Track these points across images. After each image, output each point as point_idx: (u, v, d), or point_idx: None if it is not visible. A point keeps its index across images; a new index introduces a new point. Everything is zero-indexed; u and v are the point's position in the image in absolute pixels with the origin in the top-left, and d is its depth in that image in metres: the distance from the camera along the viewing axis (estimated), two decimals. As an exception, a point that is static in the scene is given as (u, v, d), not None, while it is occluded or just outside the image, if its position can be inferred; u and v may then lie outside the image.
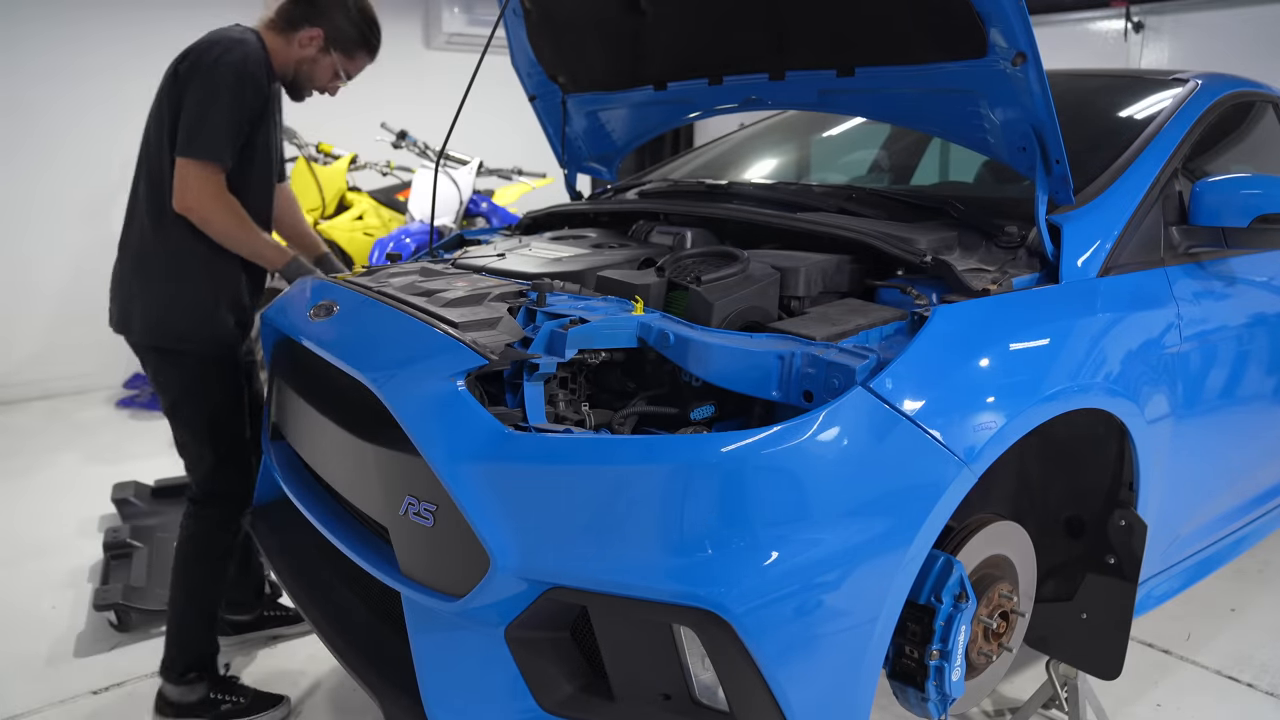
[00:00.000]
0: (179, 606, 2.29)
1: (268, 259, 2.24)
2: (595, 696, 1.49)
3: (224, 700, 2.28)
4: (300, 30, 2.24)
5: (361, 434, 1.67)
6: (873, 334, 1.63)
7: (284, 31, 2.24)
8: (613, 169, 3.02)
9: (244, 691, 2.33)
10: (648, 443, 1.41)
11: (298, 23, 2.23)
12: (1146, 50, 5.41)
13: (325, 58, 2.28)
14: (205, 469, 2.27)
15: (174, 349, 2.19)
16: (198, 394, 2.22)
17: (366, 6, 2.32)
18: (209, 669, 2.30)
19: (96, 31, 5.23)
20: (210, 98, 2.08)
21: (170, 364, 2.21)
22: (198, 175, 2.08)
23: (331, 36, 2.26)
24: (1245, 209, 2.06)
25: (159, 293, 2.19)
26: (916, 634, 1.61)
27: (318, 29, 2.24)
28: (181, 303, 2.18)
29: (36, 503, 3.75)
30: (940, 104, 1.96)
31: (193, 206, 2.10)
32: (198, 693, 2.27)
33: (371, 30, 2.33)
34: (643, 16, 2.29)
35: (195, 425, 2.23)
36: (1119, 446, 1.93)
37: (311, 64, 2.28)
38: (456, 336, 1.58)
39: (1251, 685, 2.53)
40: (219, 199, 2.12)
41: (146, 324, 2.19)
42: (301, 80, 2.31)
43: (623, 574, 1.36)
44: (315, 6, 2.24)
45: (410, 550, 1.56)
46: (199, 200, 2.09)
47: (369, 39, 2.33)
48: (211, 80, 2.08)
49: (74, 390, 5.40)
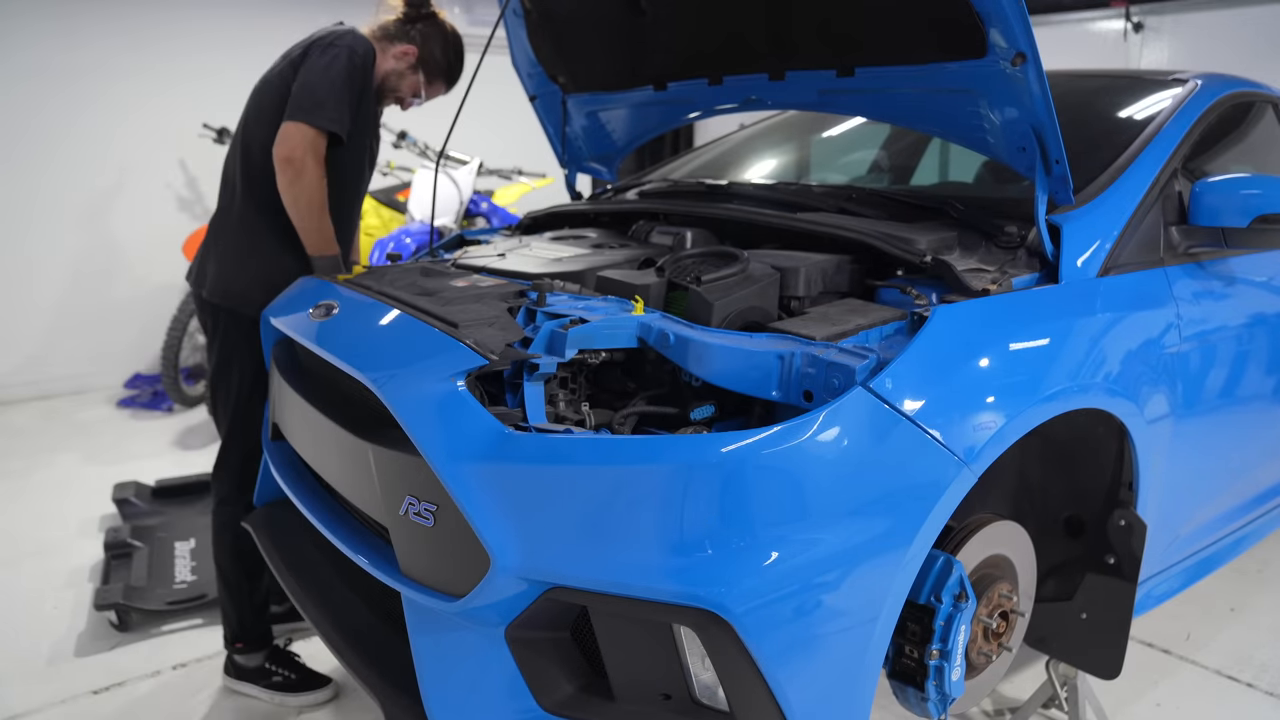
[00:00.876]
0: (215, 578, 2.43)
1: (321, 244, 2.28)
2: (595, 696, 1.49)
3: (275, 672, 2.43)
4: (398, 44, 2.39)
5: (361, 434, 1.67)
6: (873, 334, 1.63)
7: (382, 41, 2.38)
8: (613, 169, 3.02)
9: (296, 668, 2.46)
10: (648, 443, 1.41)
11: (397, 37, 2.39)
12: (1146, 50, 5.41)
13: (412, 75, 2.42)
14: (224, 436, 2.37)
15: (235, 309, 2.29)
16: (239, 358, 2.32)
17: (460, 41, 2.48)
18: (255, 641, 2.43)
19: (90, 30, 5.22)
20: (324, 71, 2.19)
21: (228, 324, 2.30)
22: (305, 135, 2.16)
23: (424, 57, 2.41)
24: (1245, 209, 2.07)
25: (227, 255, 2.31)
26: (916, 634, 1.61)
27: (414, 47, 2.39)
28: (248, 268, 2.29)
29: (36, 503, 3.75)
30: (940, 104, 1.96)
31: (293, 159, 2.15)
32: (255, 660, 2.43)
33: (459, 64, 2.49)
34: (643, 16, 2.29)
35: (230, 389, 2.33)
36: (1119, 446, 1.93)
37: (398, 77, 2.41)
38: (457, 336, 1.58)
39: (1251, 685, 2.53)
40: (316, 164, 2.18)
41: (216, 285, 2.30)
42: (385, 90, 2.42)
43: (623, 574, 1.36)
44: (419, 28, 2.40)
45: (410, 550, 1.56)
46: (300, 155, 2.15)
47: (453, 72, 2.49)
48: (327, 56, 2.20)
49: (74, 390, 5.40)
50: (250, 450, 2.35)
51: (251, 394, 2.33)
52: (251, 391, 2.33)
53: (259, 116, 2.27)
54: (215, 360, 2.35)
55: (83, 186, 5.33)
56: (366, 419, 1.70)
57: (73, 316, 5.37)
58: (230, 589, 2.39)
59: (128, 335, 5.49)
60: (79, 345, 5.37)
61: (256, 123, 2.27)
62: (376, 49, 2.35)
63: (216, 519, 2.38)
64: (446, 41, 2.44)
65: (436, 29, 2.43)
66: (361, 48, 2.26)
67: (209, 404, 2.47)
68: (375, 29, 2.39)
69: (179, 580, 2.95)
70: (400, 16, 2.40)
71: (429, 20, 2.43)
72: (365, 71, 2.27)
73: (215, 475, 2.39)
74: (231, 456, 2.36)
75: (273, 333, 2.18)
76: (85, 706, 2.41)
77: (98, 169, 5.34)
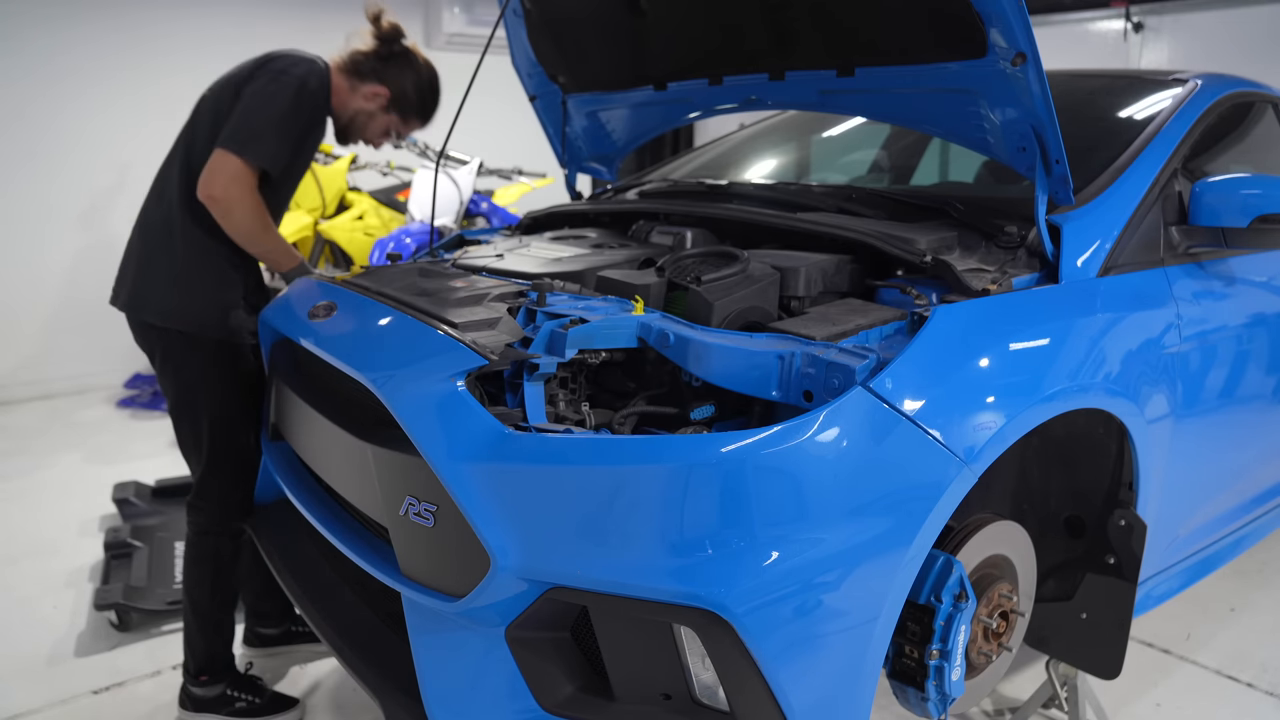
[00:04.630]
0: (183, 609, 2.29)
1: (278, 262, 2.22)
2: (595, 696, 1.49)
3: (238, 698, 2.30)
4: (368, 83, 2.25)
5: (361, 434, 1.67)
6: (873, 334, 1.63)
7: (352, 77, 2.25)
8: (613, 169, 3.02)
9: (260, 692, 2.33)
10: (647, 443, 1.41)
11: (367, 75, 2.25)
12: (1146, 50, 5.41)
13: (383, 116, 2.29)
14: (200, 467, 2.23)
15: (193, 334, 2.16)
16: (205, 384, 2.19)
17: (435, 78, 2.34)
18: (220, 671, 2.30)
19: (90, 30, 5.22)
20: (268, 100, 2.07)
21: (185, 348, 2.17)
22: (233, 169, 2.05)
23: (395, 98, 2.28)
24: (1245, 209, 2.06)
25: (175, 275, 2.16)
26: (916, 634, 1.61)
27: (384, 88, 2.26)
28: (202, 288, 2.16)
29: (36, 503, 3.75)
30: (940, 104, 1.96)
31: (217, 197, 2.05)
32: (215, 690, 2.29)
33: (433, 101, 2.35)
34: (643, 16, 2.29)
35: (197, 418, 2.20)
36: (1119, 447, 1.93)
37: (368, 118, 2.29)
38: (456, 337, 1.58)
39: (1251, 685, 2.53)
40: (247, 196, 2.08)
41: (164, 307, 2.16)
42: (354, 129, 2.32)
43: (623, 574, 1.36)
44: (389, 66, 2.25)
45: (410, 551, 1.56)
46: (226, 192, 2.06)
47: (428, 110, 2.35)
48: (275, 85, 2.08)
49: (74, 390, 5.40)
50: (235, 477, 2.24)
51: (229, 418, 2.20)
52: (227, 415, 2.20)
53: (206, 134, 2.13)
54: (176, 389, 2.20)
55: (83, 186, 5.33)
56: (366, 419, 1.69)
57: (73, 316, 5.36)
58: (203, 620, 2.25)
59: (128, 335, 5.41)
60: (79, 345, 5.37)
61: (205, 140, 2.13)
62: (345, 84, 2.24)
63: (195, 549, 2.25)
64: (420, 78, 2.30)
65: (410, 66, 2.28)
66: (315, 81, 2.12)
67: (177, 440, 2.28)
68: (344, 61, 2.25)
69: (179, 580, 2.94)
70: (371, 51, 2.25)
71: (402, 57, 2.28)
72: (315, 108, 2.15)
73: (193, 506, 2.24)
74: (212, 488, 2.22)
75: (271, 333, 2.18)
76: (85, 706, 2.41)
77: (98, 169, 5.33)
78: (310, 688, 2.49)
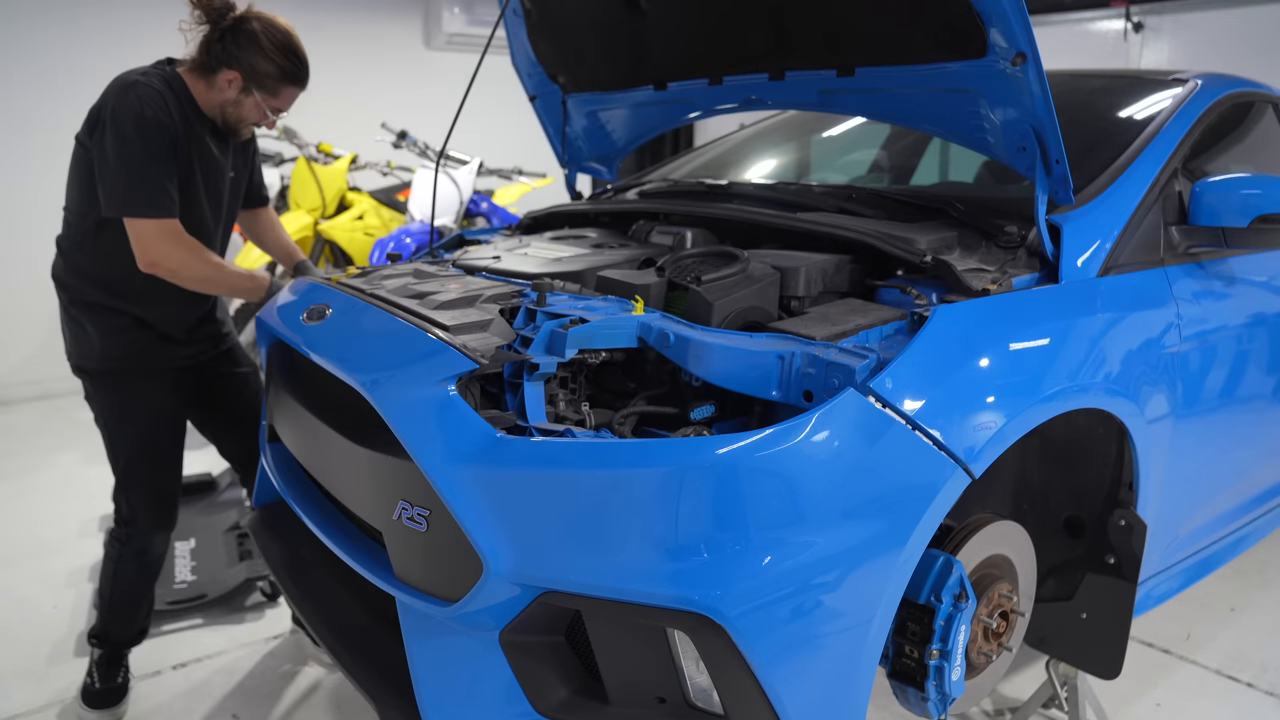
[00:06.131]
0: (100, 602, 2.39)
1: (246, 290, 2.23)
2: (590, 700, 1.48)
3: (90, 673, 2.40)
4: (219, 74, 2.15)
5: (355, 438, 1.66)
6: (873, 334, 1.62)
7: (204, 75, 2.16)
8: (613, 169, 3.02)
9: (110, 679, 2.39)
10: (640, 446, 1.40)
11: (215, 66, 2.14)
12: (1146, 50, 5.40)
13: (248, 98, 2.18)
14: (116, 490, 2.30)
15: (99, 370, 2.22)
16: (119, 415, 2.25)
17: (285, 38, 2.18)
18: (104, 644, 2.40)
19: (90, 30, 5.21)
20: (120, 154, 2.02)
21: (97, 384, 2.24)
22: (149, 231, 2.05)
23: (250, 77, 2.15)
24: (1245, 209, 2.06)
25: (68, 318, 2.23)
26: (916, 634, 1.61)
27: (235, 71, 2.14)
28: (104, 324, 2.19)
29: (36, 503, 3.75)
30: (940, 104, 1.96)
31: (157, 262, 2.08)
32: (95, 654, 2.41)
33: (293, 62, 2.19)
34: (643, 16, 2.29)
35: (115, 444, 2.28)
36: (1119, 447, 1.92)
37: (235, 106, 2.19)
38: (447, 340, 1.57)
39: (1251, 685, 2.53)
40: (181, 248, 2.09)
41: (67, 348, 2.26)
42: (231, 122, 2.22)
43: (616, 578, 1.35)
44: (229, 49, 2.13)
45: (404, 555, 1.56)
46: (161, 254, 2.07)
47: (292, 72, 2.20)
48: (116, 136, 2.03)
49: (74, 390, 5.33)
50: (158, 488, 2.29)
51: (156, 442, 2.27)
52: (154, 439, 2.26)
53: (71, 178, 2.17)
54: (110, 421, 2.27)
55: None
56: (359, 423, 1.69)
57: (73, 316, 5.36)
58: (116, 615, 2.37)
59: (128, 335, 5.47)
60: (79, 345, 5.37)
61: (73, 193, 2.17)
62: (200, 83, 2.15)
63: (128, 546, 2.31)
64: (265, 46, 2.13)
65: (250, 39, 2.13)
66: (150, 107, 2.03)
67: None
68: (191, 60, 2.16)
69: (179, 580, 2.95)
70: (208, 38, 2.13)
71: (239, 31, 2.13)
72: (163, 129, 2.05)
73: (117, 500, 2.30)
74: (133, 491, 2.28)
75: (267, 335, 2.17)
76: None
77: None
78: (310, 687, 2.49)
